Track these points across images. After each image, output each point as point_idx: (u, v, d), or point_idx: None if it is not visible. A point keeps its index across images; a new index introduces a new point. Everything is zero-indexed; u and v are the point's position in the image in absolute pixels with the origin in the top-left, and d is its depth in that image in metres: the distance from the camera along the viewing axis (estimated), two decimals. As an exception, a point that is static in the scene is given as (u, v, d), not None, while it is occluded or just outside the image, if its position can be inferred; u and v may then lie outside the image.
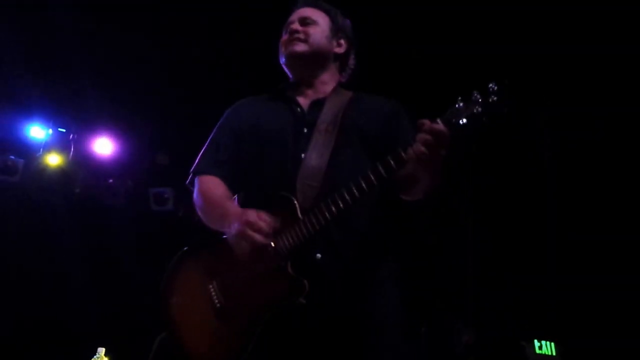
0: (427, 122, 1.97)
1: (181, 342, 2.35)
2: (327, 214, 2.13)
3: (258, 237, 2.11)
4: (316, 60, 2.55)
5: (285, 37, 2.56)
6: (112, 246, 6.61)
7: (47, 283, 6.44)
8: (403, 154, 2.02)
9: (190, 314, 2.35)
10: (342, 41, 2.62)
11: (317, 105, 2.48)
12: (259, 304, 2.16)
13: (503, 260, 6.49)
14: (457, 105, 1.98)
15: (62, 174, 6.56)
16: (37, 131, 6.53)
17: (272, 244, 2.15)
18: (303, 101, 2.51)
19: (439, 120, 1.97)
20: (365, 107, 2.49)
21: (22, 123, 6.51)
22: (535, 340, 5.79)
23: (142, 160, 6.80)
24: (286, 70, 2.62)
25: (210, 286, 2.29)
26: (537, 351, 5.79)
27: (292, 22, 2.56)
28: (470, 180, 6.35)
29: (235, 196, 2.46)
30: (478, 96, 1.95)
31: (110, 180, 6.70)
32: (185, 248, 2.46)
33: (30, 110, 6.47)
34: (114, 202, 6.71)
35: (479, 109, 1.94)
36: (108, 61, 5.98)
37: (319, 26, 2.56)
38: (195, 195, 2.47)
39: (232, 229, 2.19)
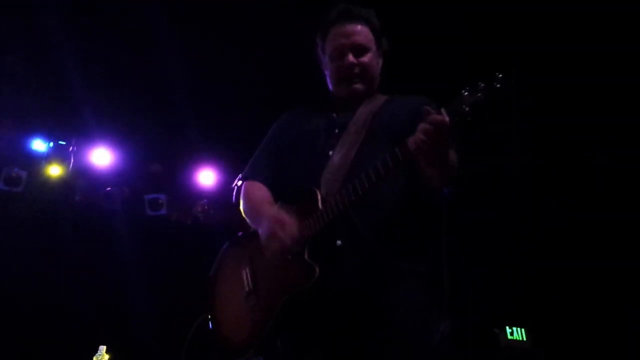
0: (430, 111, 2.03)
1: (217, 321, 2.60)
2: (345, 200, 2.22)
3: (286, 239, 2.27)
4: (366, 93, 2.59)
5: (339, 69, 2.54)
6: (111, 248, 6.83)
7: (50, 283, 6.58)
8: (408, 145, 2.08)
9: (227, 298, 2.57)
10: (383, 52, 2.65)
11: (351, 109, 2.56)
12: (277, 288, 2.31)
13: (476, 248, 6.66)
14: (462, 94, 2.03)
15: (63, 183, 6.80)
16: (39, 144, 6.79)
17: (297, 239, 2.28)
18: (339, 107, 2.61)
19: (442, 110, 2.02)
20: (395, 108, 2.54)
21: (25, 137, 6.76)
22: (507, 327, 5.88)
23: (138, 169, 7.08)
24: (334, 91, 2.63)
25: (244, 272, 2.50)
26: (509, 337, 5.86)
27: (345, 53, 2.52)
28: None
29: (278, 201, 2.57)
30: (483, 85, 2.01)
31: (108, 189, 6.97)
32: (229, 241, 2.71)
33: (32, 125, 6.71)
34: (112, 208, 6.97)
35: (481, 97, 2.00)
36: (104, 78, 6.17)
37: (371, 52, 2.56)
38: (241, 198, 2.64)
39: (265, 229, 2.36)
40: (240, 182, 2.71)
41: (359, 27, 2.56)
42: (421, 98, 2.49)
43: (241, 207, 2.62)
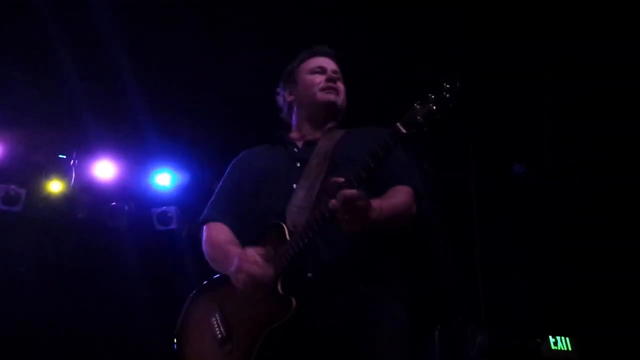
0: (339, 180, 2.08)
1: None
2: (309, 231, 2.21)
3: (254, 268, 2.23)
4: (338, 115, 2.74)
5: (321, 80, 2.68)
6: (118, 268, 6.62)
7: (53, 307, 6.44)
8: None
9: (200, 349, 2.49)
10: None
11: (311, 144, 2.62)
12: (254, 328, 2.26)
13: (512, 257, 6.40)
14: (415, 107, 2.09)
15: (64, 200, 6.58)
16: (38, 159, 6.50)
17: (266, 269, 2.25)
18: (299, 142, 2.68)
19: (397, 124, 2.09)
20: (354, 140, 2.60)
21: (24, 152, 6.48)
22: (550, 336, 5.60)
23: (144, 181, 6.82)
24: (297, 106, 2.76)
25: (213, 319, 2.44)
26: (553, 347, 5.59)
27: (326, 70, 2.70)
28: (472, 181, 6.31)
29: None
30: (432, 96, 2.07)
31: (113, 203, 6.71)
32: (195, 290, 2.63)
33: (31, 139, 6.44)
34: (117, 225, 6.72)
35: (433, 107, 2.06)
36: (104, 86, 5.99)
37: (342, 83, 2.74)
38: (203, 242, 2.63)
39: (232, 267, 2.31)
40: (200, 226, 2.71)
41: (332, 61, 2.78)
42: (378, 130, 2.54)
43: (205, 252, 2.61)
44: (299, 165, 2.55)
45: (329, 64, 2.74)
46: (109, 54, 5.52)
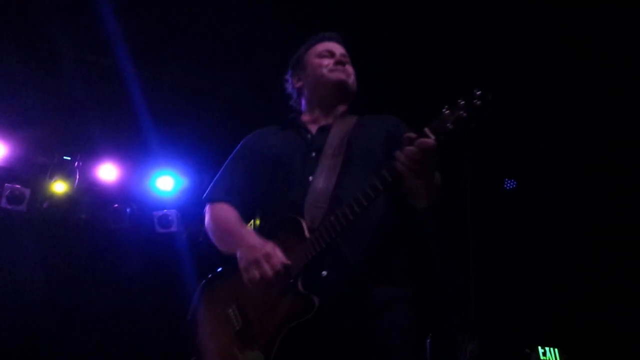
0: (412, 135, 2.05)
1: None
2: (331, 231, 2.18)
3: (270, 272, 2.17)
4: (349, 97, 2.69)
5: (329, 62, 2.65)
6: (119, 269, 6.67)
7: (56, 306, 6.47)
8: (397, 167, 2.07)
9: (215, 340, 2.43)
10: None
11: (324, 130, 2.56)
12: (274, 323, 2.22)
13: (504, 267, 6.50)
14: (443, 112, 2.04)
15: (68, 201, 6.60)
16: (42, 160, 6.54)
17: (284, 266, 2.19)
18: (312, 127, 2.62)
19: (426, 129, 2.03)
20: (368, 129, 2.57)
21: (28, 153, 6.53)
22: (539, 347, 5.70)
23: (146, 184, 6.85)
24: (307, 91, 2.72)
25: (230, 310, 2.39)
26: (542, 357, 5.69)
27: (335, 53, 2.67)
28: (467, 189, 6.37)
29: (251, 222, 2.58)
30: (462, 102, 2.01)
31: (116, 205, 6.74)
32: (206, 278, 2.57)
33: (35, 140, 6.48)
34: (119, 227, 6.75)
35: (464, 114, 1.99)
36: (109, 89, 6.04)
37: (350, 67, 2.69)
38: (207, 220, 2.56)
39: (247, 253, 2.25)
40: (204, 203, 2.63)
41: (340, 46, 2.74)
42: (392, 118, 2.61)
43: (210, 230, 2.54)
44: (314, 155, 2.48)
45: (337, 48, 2.70)
46: (113, 57, 5.57)
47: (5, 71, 5.68)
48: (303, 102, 2.74)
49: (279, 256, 2.19)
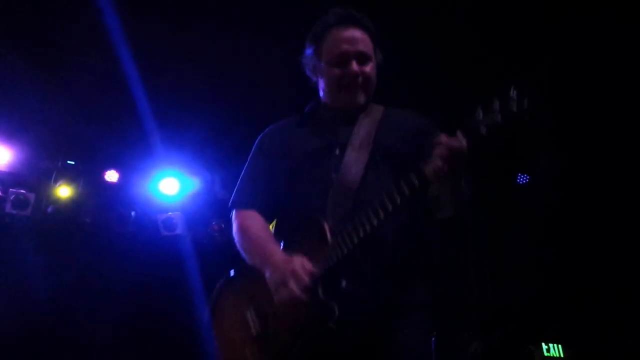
0: (443, 137, 1.97)
1: None
2: (354, 236, 2.12)
3: (298, 291, 2.13)
4: (370, 100, 2.51)
5: (342, 76, 2.42)
6: (125, 273, 6.61)
7: (62, 312, 6.44)
8: (425, 170, 1.99)
9: (232, 342, 2.40)
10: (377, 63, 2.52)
11: (349, 122, 2.44)
12: (293, 329, 2.18)
13: (508, 265, 6.51)
14: (476, 115, 1.94)
15: (72, 205, 6.61)
16: (46, 164, 6.56)
17: (312, 280, 2.15)
18: (334, 121, 2.49)
19: (459, 132, 1.96)
20: (396, 125, 2.46)
21: (32, 157, 6.54)
22: (543, 344, 5.72)
23: (150, 187, 6.86)
24: (331, 99, 2.51)
25: (248, 313, 2.34)
26: (545, 354, 5.71)
27: (349, 60, 2.41)
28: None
29: (274, 225, 2.51)
30: (497, 105, 1.90)
31: (120, 209, 6.76)
32: (223, 279, 2.53)
33: (39, 145, 6.51)
34: (123, 230, 6.77)
35: (499, 118, 1.89)
36: (113, 93, 6.03)
37: (372, 61, 2.46)
38: (235, 229, 2.50)
39: (275, 274, 2.21)
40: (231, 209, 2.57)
41: (360, 33, 2.45)
42: (422, 116, 2.48)
43: (237, 241, 2.48)
44: (337, 152, 2.38)
45: (352, 43, 2.42)
46: (116, 59, 5.52)
47: (8, 75, 5.69)
48: (321, 86, 2.56)
49: (306, 269, 2.15)
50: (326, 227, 2.20)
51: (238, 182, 2.59)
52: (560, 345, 5.76)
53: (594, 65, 5.20)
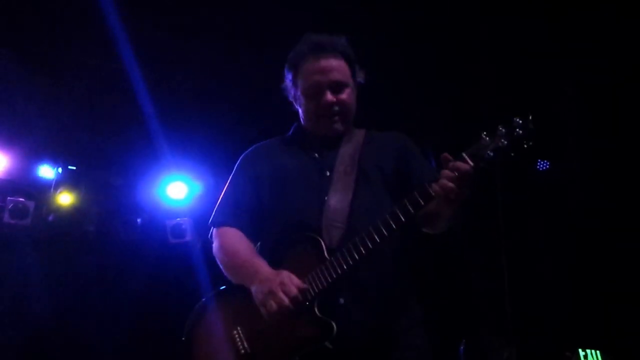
0: (450, 157, 2.05)
1: None
2: (355, 254, 2.15)
3: (286, 300, 2.13)
4: (350, 125, 2.58)
5: (317, 107, 2.46)
6: (131, 283, 6.47)
7: (64, 324, 6.35)
8: (430, 190, 2.06)
9: None
10: (357, 84, 2.58)
11: (333, 146, 2.51)
12: (286, 347, 2.17)
13: (540, 265, 6.31)
14: (482, 139, 2.03)
15: (75, 212, 6.45)
16: (46, 171, 6.43)
17: (299, 290, 2.17)
18: (318, 143, 2.54)
19: (464, 154, 2.03)
20: (378, 145, 2.55)
21: (31, 163, 6.41)
22: (580, 350, 5.48)
23: (157, 192, 6.68)
24: (311, 128, 2.57)
25: (235, 332, 2.31)
26: None
27: (322, 90, 2.45)
28: (499, 196, 6.17)
29: (258, 245, 2.48)
30: (503, 130, 2.00)
31: (125, 216, 6.62)
32: (207, 296, 2.49)
33: (38, 149, 6.39)
34: (129, 238, 6.62)
35: (505, 142, 1.99)
36: (117, 97, 5.92)
37: (349, 87, 2.50)
38: (216, 248, 2.51)
39: (261, 287, 2.21)
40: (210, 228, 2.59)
41: (334, 61, 2.48)
42: (398, 135, 2.60)
43: (218, 258, 2.49)
44: (328, 174, 2.43)
45: (325, 74, 2.46)
46: (120, 63, 5.44)
47: (6, 79, 5.58)
48: (300, 114, 2.61)
49: (294, 281, 2.17)
50: (323, 245, 2.24)
51: (219, 201, 2.59)
52: (599, 352, 5.52)
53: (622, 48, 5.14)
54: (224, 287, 2.48)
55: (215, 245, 2.52)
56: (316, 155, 2.51)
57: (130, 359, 6.40)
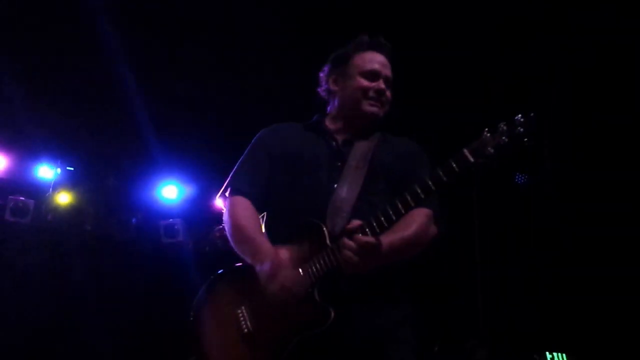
0: (353, 229, 2.14)
1: None
2: None
3: (289, 282, 2.19)
4: (376, 124, 2.62)
5: (369, 87, 2.54)
6: (126, 280, 6.61)
7: (62, 320, 6.43)
8: (419, 190, 2.12)
9: (218, 340, 2.38)
10: None
11: (349, 142, 2.55)
12: (286, 329, 2.19)
13: (512, 271, 6.48)
14: (483, 136, 2.05)
15: (72, 212, 6.56)
16: (45, 171, 6.53)
17: (301, 272, 2.22)
18: (338, 136, 2.59)
19: (465, 151, 2.06)
20: (391, 147, 2.58)
21: (30, 164, 6.51)
22: (547, 353, 5.63)
23: (151, 194, 6.84)
24: (339, 101, 2.63)
25: (239, 311, 2.33)
26: None
27: (379, 78, 2.56)
28: (474, 204, 6.33)
29: (264, 215, 2.52)
30: (504, 127, 2.02)
31: (120, 215, 6.72)
32: (214, 275, 2.50)
33: (37, 151, 6.49)
34: (125, 237, 6.73)
35: (505, 140, 2.01)
36: (112, 100, 6.04)
37: (391, 87, 2.61)
38: (226, 215, 2.51)
39: (263, 267, 2.25)
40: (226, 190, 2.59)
41: (388, 62, 2.63)
42: (413, 143, 2.64)
43: (227, 228, 2.49)
44: (339, 164, 2.47)
45: (383, 66, 2.59)
46: (115, 68, 5.54)
47: (5, 82, 5.67)
48: (332, 104, 2.67)
49: (291, 265, 2.23)
50: (325, 232, 2.26)
51: (235, 167, 2.61)
52: (564, 355, 5.68)
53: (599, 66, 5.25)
54: (229, 268, 2.49)
55: (227, 211, 2.52)
56: (333, 144, 2.55)
57: (123, 352, 6.47)
